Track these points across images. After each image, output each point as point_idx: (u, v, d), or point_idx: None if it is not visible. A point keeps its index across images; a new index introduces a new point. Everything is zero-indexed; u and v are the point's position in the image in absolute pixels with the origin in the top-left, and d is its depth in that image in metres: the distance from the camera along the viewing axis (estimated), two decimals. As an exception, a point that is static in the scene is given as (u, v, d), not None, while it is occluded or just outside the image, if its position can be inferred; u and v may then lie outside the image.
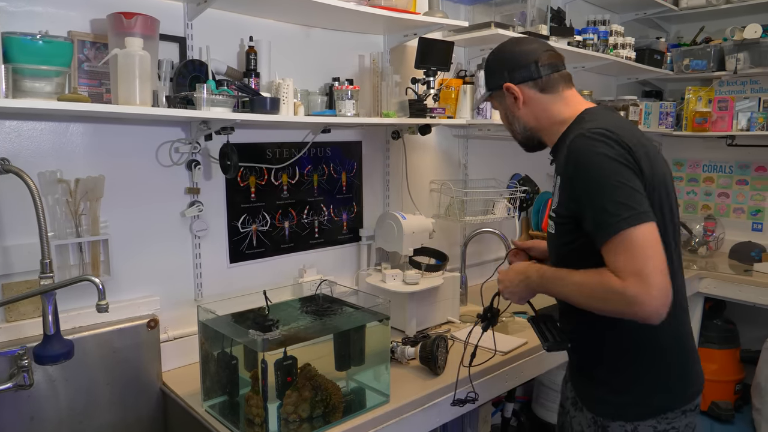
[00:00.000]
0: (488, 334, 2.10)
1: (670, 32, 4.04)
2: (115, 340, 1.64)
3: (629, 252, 1.12)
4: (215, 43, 1.81)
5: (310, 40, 2.10)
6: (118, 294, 1.70)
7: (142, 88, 1.46)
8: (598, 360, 1.38)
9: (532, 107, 1.42)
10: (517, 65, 1.41)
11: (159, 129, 1.75)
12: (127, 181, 1.71)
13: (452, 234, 2.76)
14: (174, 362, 1.80)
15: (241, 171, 1.94)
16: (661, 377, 1.33)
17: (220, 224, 1.92)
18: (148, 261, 1.77)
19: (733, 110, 3.48)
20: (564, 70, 1.43)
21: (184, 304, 1.85)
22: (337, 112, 1.92)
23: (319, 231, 2.20)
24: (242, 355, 1.48)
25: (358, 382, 1.68)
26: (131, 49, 1.45)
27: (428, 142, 2.59)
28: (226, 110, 1.62)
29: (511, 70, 1.41)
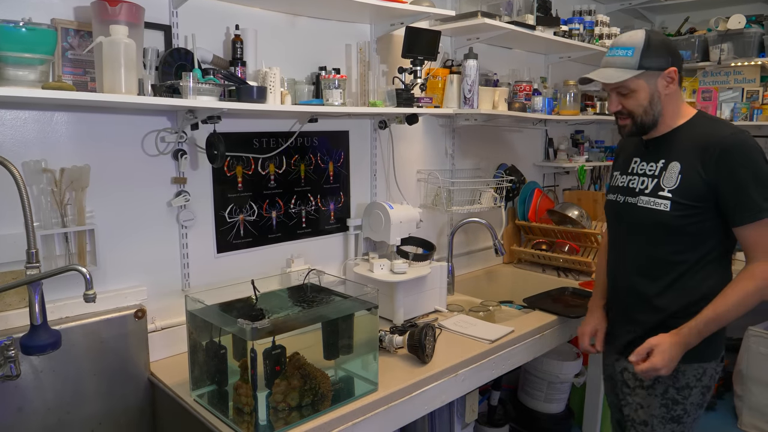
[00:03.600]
0: (478, 323, 2.13)
1: (655, 23, 4.07)
2: (103, 331, 1.64)
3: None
4: (201, 32, 1.80)
5: (297, 29, 2.09)
6: (105, 284, 1.70)
7: (127, 77, 1.45)
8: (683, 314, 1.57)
9: (672, 95, 1.59)
10: (677, 54, 1.57)
11: (145, 118, 1.74)
12: (113, 171, 1.70)
13: (439, 223, 2.77)
14: (162, 352, 1.80)
15: (227, 160, 1.93)
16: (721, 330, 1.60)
17: (207, 214, 1.91)
18: (134, 251, 1.76)
19: (716, 101, 3.53)
20: None
21: (171, 294, 1.84)
22: (324, 102, 1.92)
23: (307, 221, 2.20)
24: (231, 345, 1.48)
25: (346, 371, 1.69)
26: (116, 37, 1.43)
27: (415, 132, 2.60)
28: (213, 99, 1.61)
29: (674, 56, 1.56)
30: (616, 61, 1.57)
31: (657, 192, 1.58)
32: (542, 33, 2.66)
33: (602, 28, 3.05)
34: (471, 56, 2.37)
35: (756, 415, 3.15)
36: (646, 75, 1.54)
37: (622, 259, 1.74)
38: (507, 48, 3.02)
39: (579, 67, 3.46)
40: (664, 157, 1.60)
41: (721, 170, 1.49)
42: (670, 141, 1.61)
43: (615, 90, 1.60)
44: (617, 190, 1.74)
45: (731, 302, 1.48)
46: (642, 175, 1.65)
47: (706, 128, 1.56)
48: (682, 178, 1.54)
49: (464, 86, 2.40)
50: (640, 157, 1.69)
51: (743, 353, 3.22)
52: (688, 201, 1.53)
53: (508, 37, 2.67)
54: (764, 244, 1.48)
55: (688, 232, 1.55)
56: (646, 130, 1.62)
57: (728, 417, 3.33)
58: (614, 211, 1.75)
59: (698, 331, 1.50)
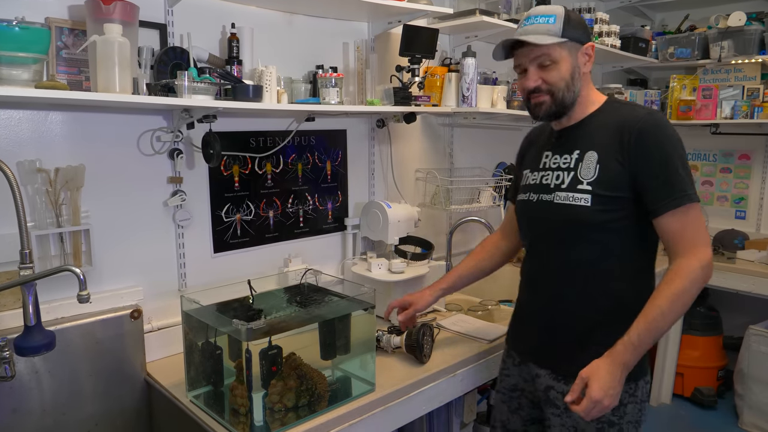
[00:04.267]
0: (476, 322, 2.12)
1: (655, 20, 4.06)
2: (98, 331, 1.63)
3: (696, 223, 1.34)
4: (197, 30, 1.78)
5: (293, 27, 2.08)
6: (101, 284, 1.69)
7: (121, 76, 1.44)
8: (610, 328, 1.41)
9: (587, 77, 1.48)
10: (590, 34, 1.48)
11: (140, 117, 1.73)
12: (109, 171, 1.69)
13: (438, 222, 2.76)
14: (158, 353, 1.79)
15: (224, 160, 1.92)
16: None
17: (203, 214, 1.90)
18: (130, 251, 1.75)
19: (717, 98, 3.51)
20: None
21: (168, 294, 1.83)
22: (321, 100, 1.91)
23: (304, 220, 2.19)
24: (227, 345, 1.47)
25: (343, 371, 1.68)
26: (110, 35, 1.42)
27: (413, 131, 2.58)
28: (208, 98, 1.60)
29: (589, 36, 1.47)
30: (539, 28, 1.40)
31: (575, 186, 1.42)
32: (541, 31, 2.64)
33: (602, 25, 3.03)
34: (469, 54, 2.36)
35: (757, 414, 3.13)
36: (569, 46, 1.41)
37: (541, 264, 1.55)
38: (506, 46, 3.00)
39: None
40: (579, 147, 1.45)
41: (641, 153, 1.35)
42: (583, 130, 1.47)
43: (535, 61, 1.42)
44: (529, 189, 1.56)
45: (663, 309, 1.31)
46: (556, 170, 1.49)
47: (619, 112, 1.43)
48: (601, 168, 1.39)
49: (462, 84, 2.39)
50: (551, 151, 1.53)
51: (744, 352, 3.21)
52: (609, 192, 1.38)
53: (506, 35, 2.64)
54: (687, 236, 1.34)
55: (610, 229, 1.40)
56: (565, 110, 1.46)
57: (729, 416, 3.33)
58: (528, 212, 1.56)
59: (633, 346, 1.32)
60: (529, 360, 1.60)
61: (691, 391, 3.48)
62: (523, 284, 1.65)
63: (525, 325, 1.63)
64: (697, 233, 1.34)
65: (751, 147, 3.67)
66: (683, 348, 3.47)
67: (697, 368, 3.48)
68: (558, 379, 1.50)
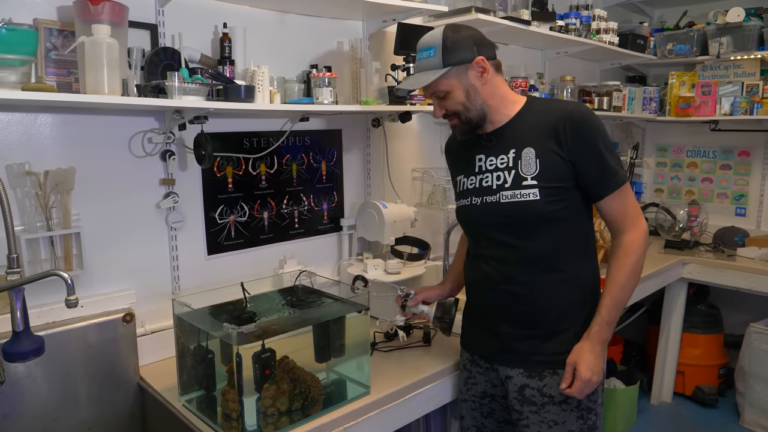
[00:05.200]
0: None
1: (654, 17, 4.03)
2: (90, 335, 1.61)
3: (632, 199, 1.48)
4: (188, 31, 1.77)
5: (286, 27, 2.06)
6: (93, 288, 1.67)
7: (110, 77, 1.42)
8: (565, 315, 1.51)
9: (491, 84, 1.49)
10: (483, 42, 1.49)
11: (131, 119, 1.71)
12: (100, 173, 1.67)
13: (435, 222, 2.74)
14: (151, 356, 1.78)
15: (217, 161, 1.91)
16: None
17: (196, 215, 1.89)
18: (123, 254, 1.73)
19: (716, 95, 3.48)
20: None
21: (161, 297, 1.82)
22: (315, 100, 1.89)
23: (299, 221, 2.18)
24: (219, 349, 1.45)
25: (338, 374, 1.66)
26: (98, 36, 1.41)
27: (410, 130, 2.57)
28: (199, 99, 1.59)
29: (479, 45, 1.47)
30: (423, 64, 1.48)
31: (520, 183, 1.46)
32: (538, 28, 2.62)
33: (600, 22, 3.01)
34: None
35: (758, 412, 3.11)
36: (455, 72, 1.44)
37: (494, 264, 1.54)
38: (503, 44, 2.98)
39: (577, 63, 3.43)
40: (514, 146, 1.49)
41: (578, 144, 1.42)
42: (512, 129, 1.51)
43: (432, 96, 1.51)
44: (469, 194, 1.57)
45: (622, 282, 1.45)
46: (494, 171, 1.51)
47: (546, 108, 1.50)
48: (541, 162, 1.44)
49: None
50: (484, 154, 1.55)
51: (745, 350, 3.19)
52: (554, 183, 1.44)
53: (503, 33, 2.63)
54: (629, 212, 1.47)
55: (558, 218, 1.45)
56: (479, 124, 1.51)
57: (730, 414, 3.30)
58: (472, 217, 1.57)
59: (606, 323, 1.45)
60: (496, 363, 1.59)
61: (692, 389, 3.45)
62: (475, 287, 1.64)
63: (485, 328, 1.61)
64: (634, 208, 1.48)
65: (751, 143, 3.65)
66: (684, 346, 3.44)
67: (698, 366, 3.45)
68: (532, 376, 1.51)
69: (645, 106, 3.55)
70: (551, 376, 1.50)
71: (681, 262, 3.21)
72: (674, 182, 4.02)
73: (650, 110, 3.58)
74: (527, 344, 1.52)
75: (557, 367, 1.49)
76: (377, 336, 1.97)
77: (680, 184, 3.99)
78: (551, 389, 1.49)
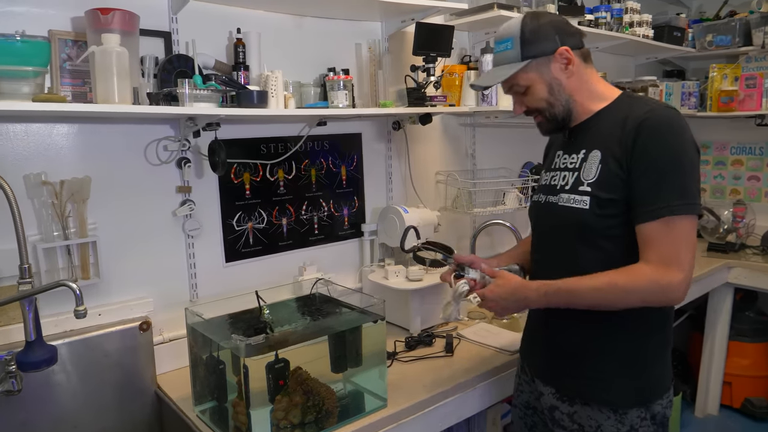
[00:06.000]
0: (500, 332, 2.02)
1: (692, 7, 3.86)
2: (107, 344, 1.61)
3: (684, 240, 1.20)
4: (202, 37, 1.76)
5: (303, 30, 2.03)
6: (110, 296, 1.68)
7: (120, 86, 1.42)
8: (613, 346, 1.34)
9: (578, 77, 1.35)
10: (567, 30, 1.35)
11: (146, 127, 1.71)
12: (116, 182, 1.67)
13: (461, 226, 2.67)
14: (169, 365, 1.77)
15: (234, 168, 1.89)
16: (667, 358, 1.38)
17: (214, 223, 1.88)
18: (139, 262, 1.73)
19: (762, 88, 3.29)
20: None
21: (179, 305, 1.80)
22: (330, 104, 1.86)
23: (319, 227, 2.14)
24: (230, 360, 1.43)
25: (355, 385, 1.62)
26: (108, 45, 1.41)
27: (432, 132, 2.51)
28: (211, 105, 1.57)
29: (562, 34, 1.33)
30: (499, 58, 1.36)
31: (577, 187, 1.32)
32: (566, 24, 2.52)
33: (632, 15, 2.89)
34: (488, 51, 2.27)
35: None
36: (535, 64, 1.31)
37: (544, 271, 1.41)
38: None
39: (609, 58, 3.30)
40: (585, 146, 1.35)
41: (639, 150, 1.23)
42: (589, 128, 1.37)
43: (510, 91, 1.38)
44: (540, 190, 1.49)
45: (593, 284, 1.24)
46: (563, 170, 1.40)
47: (628, 107, 1.31)
48: (602, 168, 1.29)
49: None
50: (562, 150, 1.44)
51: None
52: (606, 194, 1.27)
53: (529, 30, 2.55)
54: (662, 250, 1.20)
55: (609, 235, 1.28)
56: (566, 121, 1.38)
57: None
58: (533, 215, 1.49)
59: (544, 298, 1.30)
60: (536, 376, 1.50)
61: (740, 401, 3.27)
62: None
63: (532, 338, 1.55)
64: (672, 251, 1.19)
65: (801, 138, 3.45)
66: (731, 355, 3.26)
67: (746, 377, 3.26)
68: (563, 399, 1.39)
69: (684, 101, 3.38)
70: (581, 406, 1.36)
71: (726, 266, 3.04)
72: (717, 181, 3.83)
73: (690, 106, 3.41)
74: (562, 364, 1.40)
75: (590, 399, 1.34)
76: (398, 345, 1.92)
77: (724, 183, 3.80)
78: (581, 418, 1.36)
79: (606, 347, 1.34)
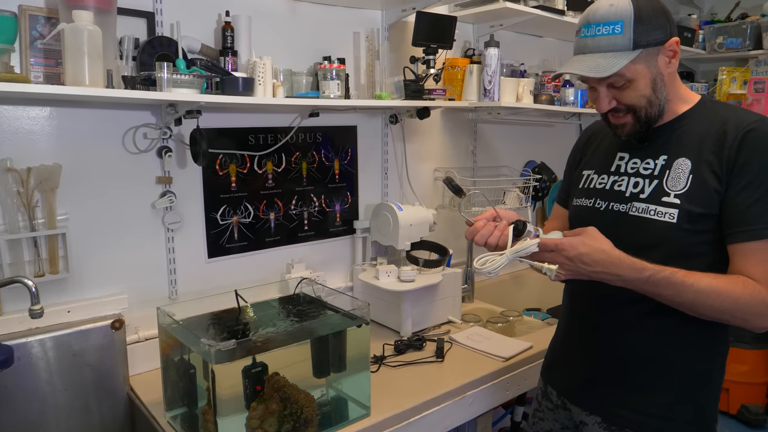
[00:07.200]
0: (493, 336, 1.93)
1: (704, 8, 3.75)
2: (76, 343, 1.52)
3: None
4: (189, 19, 1.66)
5: (298, 16, 1.93)
6: (80, 292, 1.58)
7: (92, 67, 1.32)
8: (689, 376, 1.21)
9: (673, 74, 1.19)
10: (672, 18, 1.16)
11: (125, 113, 1.61)
12: (90, 170, 1.58)
13: (458, 226, 2.57)
14: (144, 365, 1.68)
15: (219, 158, 1.79)
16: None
17: (196, 216, 1.78)
18: (114, 256, 1.64)
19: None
20: None
21: (156, 301, 1.70)
22: (321, 94, 1.76)
23: (309, 223, 2.05)
24: (200, 364, 1.33)
25: (338, 391, 1.53)
26: (79, 23, 1.30)
27: (432, 127, 2.40)
28: (193, 91, 1.47)
29: (671, 22, 1.15)
30: (601, 43, 1.13)
31: (659, 197, 1.16)
32: (573, 18, 2.42)
33: (642, 12, 2.78)
34: (492, 44, 2.16)
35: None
36: (644, 55, 1.12)
37: (595, 289, 1.20)
38: (537, 36, 2.79)
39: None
40: (667, 152, 1.19)
41: (742, 162, 1.09)
42: (673, 131, 1.20)
43: (605, 82, 1.16)
44: (594, 194, 1.29)
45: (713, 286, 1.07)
46: (634, 175, 1.23)
47: (722, 114, 1.16)
48: (693, 179, 1.13)
49: (484, 77, 2.20)
50: (628, 153, 1.27)
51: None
52: (700, 209, 1.12)
53: (536, 24, 2.45)
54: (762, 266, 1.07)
55: (693, 254, 1.13)
56: (652, 124, 1.20)
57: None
58: (592, 222, 1.18)
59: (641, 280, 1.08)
60: (572, 402, 1.33)
61: (737, 408, 3.19)
62: (573, 306, 1.36)
63: (568, 354, 1.36)
64: None
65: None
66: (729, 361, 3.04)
67: (744, 384, 3.18)
68: (611, 430, 1.24)
69: (692, 103, 3.28)
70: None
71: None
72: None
73: (698, 108, 3.31)
74: (612, 390, 1.25)
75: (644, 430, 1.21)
76: (387, 349, 1.83)
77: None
78: None
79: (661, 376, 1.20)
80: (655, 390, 1.21)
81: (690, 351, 1.19)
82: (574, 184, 1.39)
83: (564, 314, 1.41)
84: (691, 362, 1.20)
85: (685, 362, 1.19)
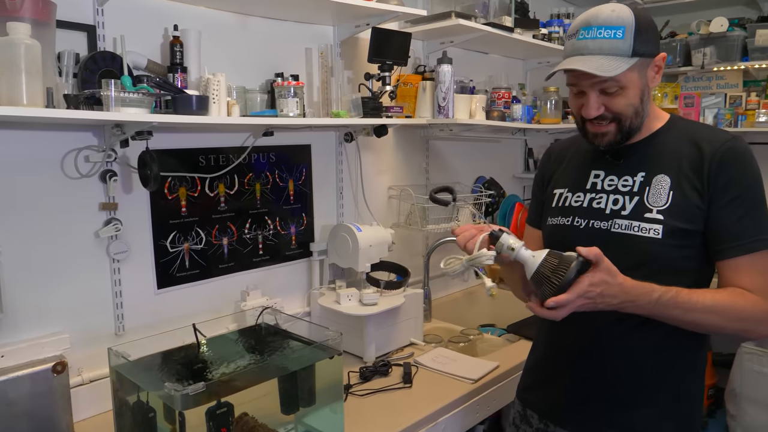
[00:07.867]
0: (458, 357, 1.90)
1: (634, 27, 3.93)
2: (12, 391, 1.35)
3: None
4: (133, 33, 1.54)
5: (248, 31, 1.84)
6: (16, 334, 1.42)
7: (30, 85, 1.19)
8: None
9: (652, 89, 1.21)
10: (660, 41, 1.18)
11: (64, 134, 1.47)
12: (25, 198, 1.43)
13: (414, 244, 2.54)
14: (90, 410, 1.53)
15: (168, 182, 1.68)
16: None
17: (144, 244, 1.65)
18: (53, 292, 1.49)
19: (699, 107, 3.37)
20: None
21: (101, 339, 1.57)
22: (279, 112, 1.68)
23: (264, 247, 1.95)
24: (161, 406, 1.22)
25: (308, 426, 1.44)
26: (15, 36, 1.18)
27: (386, 145, 2.37)
28: (142, 111, 1.36)
29: (659, 43, 1.19)
30: (603, 45, 1.11)
31: (642, 214, 1.17)
32: (521, 36, 2.46)
33: (582, 31, 2.86)
34: (445, 61, 2.16)
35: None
36: (639, 64, 1.13)
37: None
38: (483, 53, 2.82)
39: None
40: (644, 168, 1.20)
41: (724, 181, 1.12)
42: (649, 148, 1.22)
43: (597, 86, 1.15)
44: (572, 212, 1.27)
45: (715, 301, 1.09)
46: (613, 192, 1.23)
47: (696, 132, 1.19)
48: (675, 195, 1.15)
49: (438, 94, 2.18)
50: (603, 170, 1.26)
51: (735, 371, 3.05)
52: (682, 224, 1.14)
53: (484, 41, 2.47)
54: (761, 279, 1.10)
55: (677, 269, 1.15)
56: (630, 137, 1.21)
57: (722, 439, 3.16)
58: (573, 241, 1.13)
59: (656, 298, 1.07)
60: (555, 424, 1.30)
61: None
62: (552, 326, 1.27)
63: (549, 375, 1.33)
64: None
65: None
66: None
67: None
68: None
69: (628, 118, 3.42)
70: None
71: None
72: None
73: (633, 123, 3.45)
74: (598, 409, 1.23)
75: None
76: (352, 377, 1.76)
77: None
78: None
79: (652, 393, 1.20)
80: (640, 406, 1.20)
81: (672, 365, 1.20)
82: (547, 203, 1.37)
83: (542, 335, 1.39)
84: (673, 376, 1.20)
85: (668, 376, 1.20)
